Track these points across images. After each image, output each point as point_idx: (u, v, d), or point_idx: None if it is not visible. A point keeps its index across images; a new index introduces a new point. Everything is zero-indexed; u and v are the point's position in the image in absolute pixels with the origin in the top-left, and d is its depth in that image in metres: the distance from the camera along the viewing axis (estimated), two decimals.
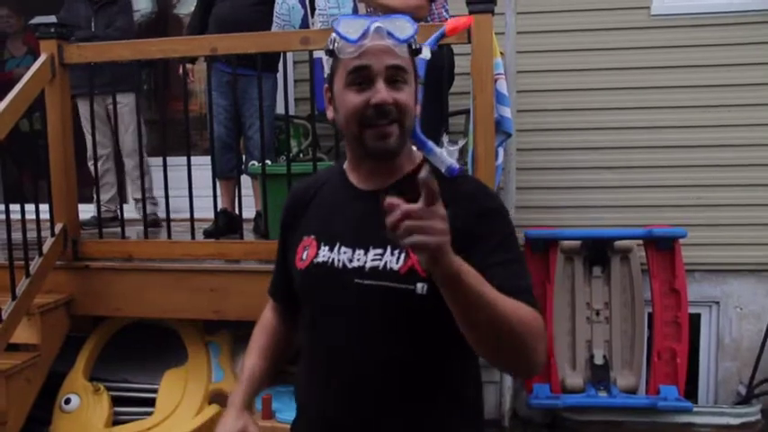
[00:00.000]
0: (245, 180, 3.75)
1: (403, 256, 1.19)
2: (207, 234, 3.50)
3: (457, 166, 1.24)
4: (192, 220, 3.25)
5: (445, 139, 1.39)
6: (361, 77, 1.20)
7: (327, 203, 1.33)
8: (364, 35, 1.19)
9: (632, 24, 4.19)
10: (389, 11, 3.15)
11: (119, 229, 3.43)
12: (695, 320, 4.25)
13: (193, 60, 3.89)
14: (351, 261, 1.23)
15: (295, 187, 1.46)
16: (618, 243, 4.01)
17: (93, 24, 4.07)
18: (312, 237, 1.31)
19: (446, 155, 1.34)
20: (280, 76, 3.63)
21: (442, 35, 1.49)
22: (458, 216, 1.07)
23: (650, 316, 4.06)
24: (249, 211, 3.65)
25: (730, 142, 4.16)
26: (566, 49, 4.25)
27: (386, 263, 1.20)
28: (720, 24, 4.13)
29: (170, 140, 3.72)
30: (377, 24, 1.19)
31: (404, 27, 1.21)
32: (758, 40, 4.11)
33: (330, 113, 1.29)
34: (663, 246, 3.95)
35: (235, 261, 3.19)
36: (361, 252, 1.23)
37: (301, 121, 4.15)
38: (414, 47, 1.25)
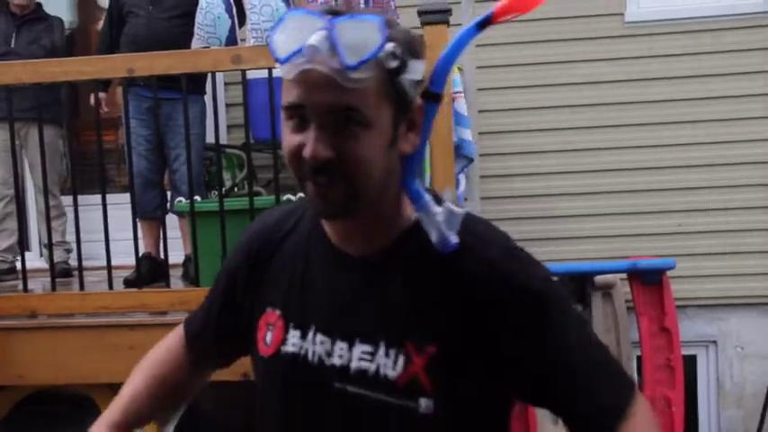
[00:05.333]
0: (171, 220, 3.76)
1: (402, 358, 1.01)
2: (127, 283, 3.48)
3: (455, 240, 1.01)
4: (109, 267, 3.24)
5: (448, 194, 1.15)
6: (295, 115, 0.99)
7: (299, 260, 1.14)
8: (296, 53, 0.94)
9: (605, 33, 4.37)
10: None
11: (18, 283, 3.39)
12: (690, 363, 4.36)
13: (106, 87, 3.90)
14: (330, 355, 1.07)
15: (265, 216, 1.26)
16: (599, 278, 4.12)
17: (13, 41, 4.11)
18: (278, 312, 1.13)
19: (443, 218, 1.02)
20: (209, 99, 3.66)
21: (488, 20, 1.10)
22: (501, 331, 1.00)
23: (639, 359, 4.16)
24: (176, 255, 3.65)
25: (724, 161, 4.31)
26: (532, 63, 4.39)
27: (378, 367, 1.03)
28: (704, 30, 4.32)
29: (82, 177, 3.72)
30: (317, 37, 0.93)
31: (367, 38, 0.95)
32: (752, 47, 4.28)
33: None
34: (649, 279, 4.06)
35: (160, 313, 3.18)
36: (345, 346, 1.06)
37: (235, 150, 4.17)
38: (390, 65, 0.98)
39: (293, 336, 1.10)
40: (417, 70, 1.01)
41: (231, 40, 3.48)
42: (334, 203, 1.01)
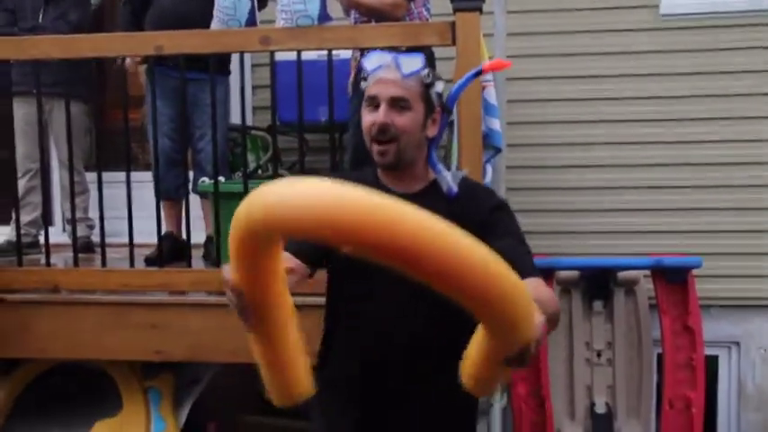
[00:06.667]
0: (194, 200, 3.80)
1: None
2: (149, 261, 3.53)
3: (455, 189, 1.83)
4: (131, 245, 3.29)
5: (462, 172, 1.92)
6: (373, 102, 1.78)
7: None
8: (378, 67, 1.77)
9: (638, 26, 4.35)
10: (366, 9, 3.28)
11: (41, 257, 3.44)
12: (712, 364, 4.35)
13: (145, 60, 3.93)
14: None
15: (343, 173, 2.05)
16: (622, 274, 4.11)
17: (41, 16, 4.16)
18: None
19: (450, 178, 1.81)
20: (236, 81, 3.68)
21: (478, 73, 1.85)
22: (474, 212, 1.78)
23: (660, 358, 4.16)
24: (197, 235, 3.67)
25: (754, 159, 4.30)
26: (562, 54, 4.39)
27: None
28: (742, 25, 4.29)
29: (106, 154, 3.76)
30: (388, 60, 1.76)
31: (411, 63, 1.77)
32: None
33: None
34: (674, 277, 4.05)
35: (180, 293, 3.23)
36: None
37: (260, 132, 4.21)
38: (425, 81, 1.78)
39: None
40: (440, 87, 1.83)
41: (251, 22, 3.48)
42: (389, 158, 1.79)
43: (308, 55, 3.27)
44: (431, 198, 1.76)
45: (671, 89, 4.33)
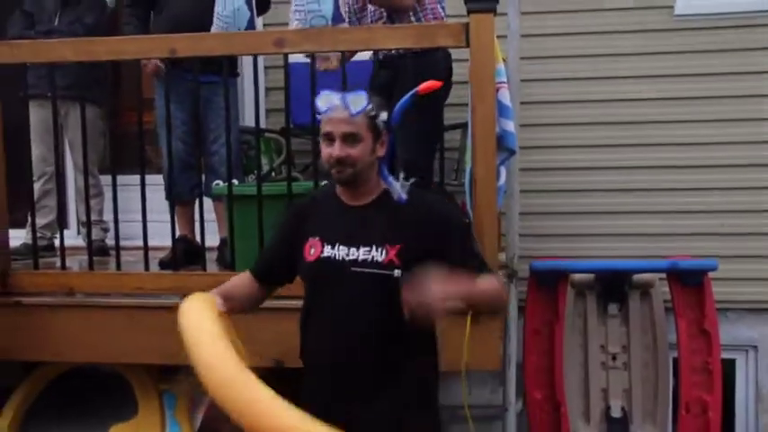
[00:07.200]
0: (207, 203, 3.81)
1: (384, 251, 2.11)
2: (163, 265, 3.54)
3: (405, 197, 2.16)
4: (145, 248, 3.31)
5: (401, 177, 2.22)
6: (328, 137, 2.12)
7: (326, 214, 2.25)
8: (330, 108, 2.10)
9: (653, 26, 4.35)
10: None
11: (56, 260, 3.46)
12: (729, 367, 4.33)
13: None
14: (347, 255, 2.14)
15: (299, 202, 2.53)
16: (637, 277, 4.11)
17: (57, 19, 4.20)
18: (317, 238, 2.20)
19: (399, 187, 2.16)
20: (250, 83, 3.71)
21: (414, 95, 2.20)
22: (422, 215, 2.16)
23: (676, 361, 4.14)
24: (211, 239, 3.68)
25: None
26: (577, 55, 4.39)
27: (373, 256, 2.12)
28: (755, 25, 4.29)
29: (121, 156, 3.79)
30: (338, 101, 2.09)
31: (358, 102, 2.08)
32: None
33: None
34: (690, 280, 4.04)
35: None
36: (354, 249, 2.14)
37: (274, 135, 4.22)
38: (370, 114, 2.10)
39: (327, 248, 2.17)
40: (384, 115, 2.15)
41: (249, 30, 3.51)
42: (345, 179, 2.14)
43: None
44: (381, 206, 2.17)
45: (686, 90, 4.32)
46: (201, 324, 1.97)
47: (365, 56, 3.46)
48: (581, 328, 4.17)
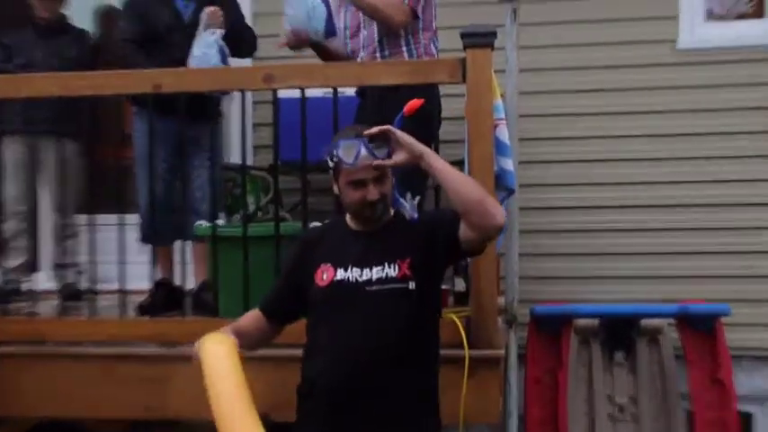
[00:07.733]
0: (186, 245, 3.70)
1: (396, 266, 2.25)
2: (143, 309, 3.45)
3: (416, 216, 2.33)
4: (122, 291, 3.22)
5: (409, 196, 2.39)
6: (361, 183, 2.25)
7: (336, 240, 2.40)
8: (356, 157, 2.21)
9: (655, 60, 4.30)
10: (369, 8, 3.24)
11: (26, 305, 3.40)
12: (745, 421, 4.19)
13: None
14: (360, 276, 2.27)
15: (307, 233, 2.72)
16: (645, 322, 4.01)
17: (35, 51, 4.09)
18: (329, 264, 2.32)
19: (409, 207, 2.32)
20: (236, 119, 3.66)
21: (402, 118, 2.28)
22: (430, 236, 2.28)
23: (689, 414, 4.02)
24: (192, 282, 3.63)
25: None
26: (577, 90, 4.34)
27: (386, 273, 2.26)
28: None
29: (97, 195, 3.69)
30: (363, 150, 2.20)
31: (380, 149, 2.21)
32: None
33: (336, 188, 2.34)
34: (701, 326, 3.97)
35: (172, 345, 3.09)
36: (368, 270, 2.27)
37: (260, 173, 4.14)
38: (388, 151, 2.23)
39: (340, 271, 2.29)
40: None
41: None
42: (380, 215, 2.31)
43: (312, 92, 3.23)
44: (389, 227, 2.33)
45: (694, 126, 4.27)
46: (229, 378, 2.21)
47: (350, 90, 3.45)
48: (586, 377, 4.07)
